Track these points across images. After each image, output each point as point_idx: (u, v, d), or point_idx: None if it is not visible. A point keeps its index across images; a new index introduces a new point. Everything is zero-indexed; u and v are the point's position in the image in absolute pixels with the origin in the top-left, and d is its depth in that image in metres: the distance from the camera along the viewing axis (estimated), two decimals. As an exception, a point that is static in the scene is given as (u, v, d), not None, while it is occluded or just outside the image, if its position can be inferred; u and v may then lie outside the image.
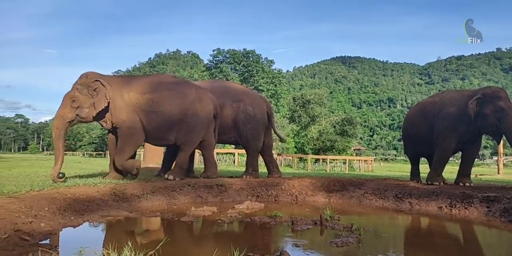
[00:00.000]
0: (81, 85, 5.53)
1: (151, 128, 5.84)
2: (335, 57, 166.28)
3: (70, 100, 5.44)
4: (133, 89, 5.75)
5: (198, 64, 72.15)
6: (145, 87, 5.83)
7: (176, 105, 5.85)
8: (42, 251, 2.43)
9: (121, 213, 4.44)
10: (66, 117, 5.41)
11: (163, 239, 2.71)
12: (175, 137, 6.03)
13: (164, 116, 5.79)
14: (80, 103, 5.46)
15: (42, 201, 3.84)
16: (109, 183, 5.38)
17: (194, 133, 6.07)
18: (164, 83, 6.04)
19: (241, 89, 7.62)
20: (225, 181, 6.21)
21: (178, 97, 5.92)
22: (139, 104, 5.70)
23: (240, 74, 35.84)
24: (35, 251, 2.38)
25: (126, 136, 5.70)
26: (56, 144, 5.44)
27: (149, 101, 5.72)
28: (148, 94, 5.75)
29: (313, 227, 4.01)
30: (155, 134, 5.95)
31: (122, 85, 5.75)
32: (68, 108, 5.42)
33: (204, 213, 4.62)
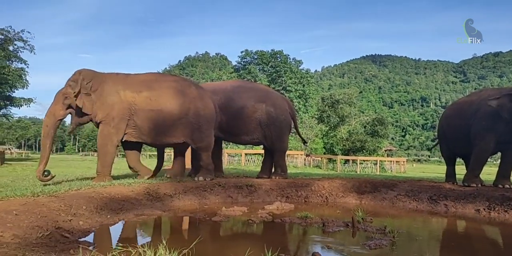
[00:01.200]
0: (75, 82, 5.33)
1: (147, 127, 5.62)
2: (365, 56, 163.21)
3: (62, 97, 5.24)
4: (129, 87, 5.57)
5: (226, 66, 72.77)
6: (142, 85, 5.65)
7: (176, 103, 5.69)
8: (81, 248, 2.53)
9: (155, 212, 4.55)
10: (57, 114, 5.22)
11: (196, 238, 2.75)
12: (179, 138, 5.87)
13: (163, 115, 5.61)
14: (73, 101, 5.28)
15: (80, 200, 3.99)
16: (143, 183, 5.52)
17: (202, 132, 5.92)
18: (162, 81, 5.86)
19: (263, 89, 7.60)
20: (255, 182, 6.24)
21: (177, 96, 5.74)
22: (135, 102, 5.50)
23: (268, 75, 35.87)
24: (75, 248, 2.49)
25: (107, 135, 5.46)
26: (44, 142, 5.20)
27: (146, 99, 5.54)
28: (146, 92, 5.57)
29: (345, 229, 3.95)
30: (153, 132, 5.69)
31: (117, 82, 5.58)
32: (60, 105, 5.23)
33: (234, 213, 4.66)
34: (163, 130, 5.70)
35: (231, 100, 6.98)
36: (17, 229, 2.64)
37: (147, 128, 5.61)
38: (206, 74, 69.52)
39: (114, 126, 5.43)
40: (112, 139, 5.48)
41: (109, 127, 5.42)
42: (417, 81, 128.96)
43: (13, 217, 2.89)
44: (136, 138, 5.73)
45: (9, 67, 20.08)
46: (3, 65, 19.01)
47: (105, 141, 5.44)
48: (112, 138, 5.47)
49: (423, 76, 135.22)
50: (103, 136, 5.44)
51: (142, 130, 5.62)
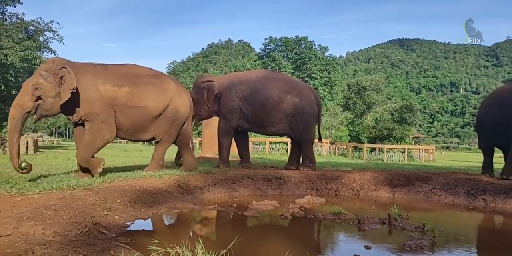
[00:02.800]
0: (47, 71, 4.79)
1: (127, 123, 5.33)
2: (392, 40, 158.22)
3: (32, 88, 4.68)
4: (108, 80, 5.18)
5: (249, 53, 72.24)
6: (123, 79, 5.32)
7: (159, 100, 5.52)
8: (119, 247, 2.55)
9: (187, 205, 4.57)
10: (25, 106, 4.66)
11: (231, 235, 2.72)
12: (153, 133, 5.69)
13: (146, 112, 5.39)
14: (44, 92, 4.71)
15: (114, 194, 4.03)
16: (173, 175, 5.56)
17: (174, 128, 5.84)
18: (143, 76, 5.62)
19: (288, 80, 7.45)
20: (284, 174, 6.17)
21: (160, 92, 5.58)
22: (116, 97, 5.15)
23: (293, 62, 35.37)
24: (115, 247, 2.50)
25: (99, 130, 5.04)
26: (10, 137, 4.68)
27: (128, 95, 5.23)
28: (128, 87, 5.26)
29: (381, 226, 3.84)
30: (132, 129, 5.45)
31: (96, 75, 5.16)
32: (29, 96, 4.66)
33: (265, 208, 4.62)
34: (142, 127, 5.51)
35: (256, 91, 6.90)
36: (57, 226, 2.67)
37: (127, 124, 5.32)
38: (229, 62, 69.33)
39: (102, 120, 5.03)
40: (103, 135, 5.08)
41: (98, 122, 5.02)
42: (446, 66, 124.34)
43: (52, 213, 2.94)
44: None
45: (40, 57, 20.57)
46: (35, 56, 19.50)
47: (95, 137, 5.03)
48: (103, 133, 5.07)
49: (453, 60, 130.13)
50: (93, 131, 5.02)
51: (120, 126, 5.29)
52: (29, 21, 21.36)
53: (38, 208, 2.97)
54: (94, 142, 5.04)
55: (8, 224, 2.48)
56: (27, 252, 1.98)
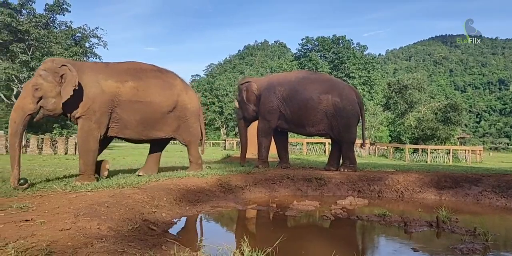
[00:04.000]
0: (46, 71, 4.59)
1: (135, 120, 5.10)
2: (434, 37, 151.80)
3: (32, 89, 4.48)
4: (110, 76, 4.96)
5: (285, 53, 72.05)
6: (126, 74, 5.10)
7: (165, 95, 5.31)
8: (169, 242, 2.64)
9: (229, 204, 4.65)
10: (27, 108, 4.44)
11: (274, 234, 2.75)
12: (166, 132, 5.49)
13: (153, 107, 5.17)
14: (44, 92, 4.51)
15: (161, 192, 4.19)
16: (215, 175, 5.67)
17: (190, 126, 5.67)
18: (147, 70, 5.41)
19: (328, 80, 7.36)
20: (324, 175, 6.11)
21: (167, 87, 5.37)
22: (119, 93, 4.94)
23: (330, 62, 34.94)
24: (165, 243, 2.60)
25: (88, 131, 4.79)
26: (12, 141, 4.39)
27: (133, 89, 5.02)
28: (132, 82, 5.05)
29: (429, 229, 3.71)
30: (140, 126, 5.19)
31: (96, 72, 4.95)
32: (29, 98, 4.47)
33: (307, 208, 4.60)
34: (151, 124, 5.25)
35: (295, 92, 6.90)
36: (111, 222, 2.81)
37: (134, 121, 5.09)
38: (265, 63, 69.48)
39: (95, 120, 4.81)
40: (94, 135, 4.83)
41: (90, 122, 4.78)
42: (494, 62, 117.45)
43: (105, 209, 3.10)
44: (115, 133, 5.13)
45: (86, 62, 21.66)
46: (82, 61, 20.59)
47: (87, 138, 4.81)
48: (94, 134, 4.83)
49: (501, 56, 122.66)
50: (84, 132, 4.80)
51: (126, 123, 5.08)
52: (76, 28, 22.62)
53: (92, 205, 3.14)
54: (88, 145, 4.81)
55: (67, 219, 2.65)
56: (87, 245, 2.11)
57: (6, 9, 18.32)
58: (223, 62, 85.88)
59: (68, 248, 2.03)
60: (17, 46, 18.64)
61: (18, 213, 2.86)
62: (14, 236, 2.21)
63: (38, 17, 20.35)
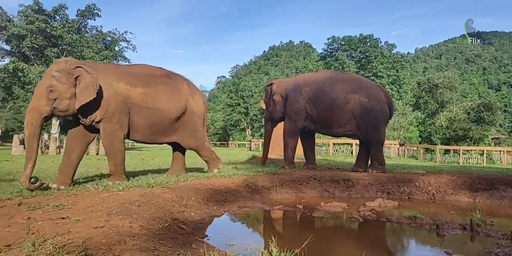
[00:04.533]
0: (59, 72, 4.51)
1: (143, 125, 5.10)
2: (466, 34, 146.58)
3: (46, 91, 4.42)
4: (121, 79, 4.95)
5: (311, 53, 71.57)
6: (136, 79, 5.08)
7: (173, 101, 5.31)
8: (198, 241, 2.69)
9: (256, 204, 4.67)
10: (42, 110, 4.41)
11: (302, 235, 2.73)
12: (173, 137, 5.48)
13: (161, 113, 5.17)
14: (59, 94, 4.46)
15: (189, 192, 4.26)
16: (241, 175, 5.71)
17: (196, 130, 5.63)
18: (156, 76, 5.39)
19: (355, 80, 7.25)
20: (352, 176, 6.03)
21: (175, 93, 5.36)
22: (130, 96, 4.93)
23: (357, 61, 34.42)
24: (195, 241, 2.64)
25: (112, 133, 4.82)
26: (30, 143, 4.37)
27: (142, 95, 5.01)
28: (141, 88, 5.03)
29: (462, 232, 3.59)
30: (148, 131, 5.20)
31: (107, 73, 4.91)
32: (44, 100, 4.42)
33: (335, 209, 4.55)
34: (159, 130, 5.28)
35: (322, 92, 6.85)
36: (142, 220, 2.89)
37: (142, 126, 5.11)
38: (290, 63, 69.27)
39: (116, 121, 4.82)
40: (118, 135, 4.87)
41: (111, 124, 4.80)
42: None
43: (136, 208, 3.18)
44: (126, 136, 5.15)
45: (116, 65, 22.34)
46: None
47: (111, 140, 4.86)
48: (118, 135, 4.87)
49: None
50: (107, 134, 4.84)
51: (136, 127, 5.09)
52: (106, 33, 23.37)
53: (124, 204, 3.23)
54: (113, 145, 4.87)
55: (101, 217, 2.74)
56: (120, 243, 2.18)
57: (41, 15, 19.18)
58: (248, 63, 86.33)
59: (103, 245, 2.10)
60: (51, 50, 19.46)
61: (54, 211, 2.99)
62: (52, 233, 2.30)
63: (71, 22, 21.17)
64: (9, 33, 18.64)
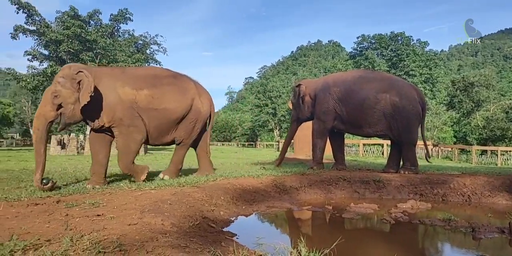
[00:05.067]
0: (64, 77, 4.59)
1: (151, 127, 5.09)
2: (504, 30, 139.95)
3: (51, 96, 4.51)
4: (127, 83, 4.94)
5: (339, 53, 70.66)
6: (142, 81, 5.08)
7: (179, 101, 5.26)
8: (228, 239, 2.72)
9: (284, 204, 4.67)
10: (48, 116, 4.51)
11: (331, 235, 2.71)
12: (173, 136, 5.44)
13: (168, 114, 5.15)
14: (63, 99, 4.53)
15: (218, 191, 4.31)
16: (270, 175, 5.72)
17: (195, 130, 5.55)
18: (162, 76, 5.37)
19: (386, 79, 7.08)
20: (382, 177, 5.91)
21: (181, 93, 5.32)
22: (136, 100, 4.92)
23: (388, 60, 33.64)
24: (224, 240, 2.68)
25: (128, 135, 4.86)
26: (37, 148, 4.49)
27: (148, 97, 5.00)
28: (147, 89, 5.02)
29: (500, 236, 3.44)
30: (155, 133, 5.19)
31: (113, 78, 4.94)
32: (50, 105, 4.52)
33: (365, 211, 4.48)
34: (165, 130, 5.27)
35: (351, 92, 6.76)
36: (173, 218, 2.95)
37: (150, 128, 5.09)
38: (318, 63, 68.68)
39: (129, 124, 4.88)
40: (135, 137, 4.94)
41: (124, 127, 4.87)
42: None
43: (168, 206, 3.26)
44: None
45: (148, 68, 22.96)
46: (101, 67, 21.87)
47: (127, 141, 4.91)
48: (135, 136, 4.94)
49: None
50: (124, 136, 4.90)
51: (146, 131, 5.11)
52: (138, 36, 24.03)
53: (156, 202, 3.32)
54: (128, 147, 4.88)
55: (134, 215, 2.83)
56: (153, 239, 2.24)
57: (76, 21, 19.99)
58: (276, 64, 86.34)
59: (136, 241, 2.17)
60: (86, 54, 20.23)
61: (90, 209, 3.11)
62: (88, 229, 2.40)
63: (104, 27, 21.94)
64: (47, 38, 19.53)
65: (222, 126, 68.02)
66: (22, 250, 1.96)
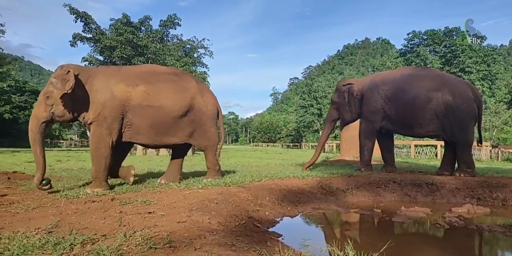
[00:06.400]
0: (56, 78, 4.54)
1: (146, 125, 4.87)
2: None
3: (44, 97, 4.51)
4: (122, 80, 4.80)
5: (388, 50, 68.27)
6: (138, 78, 4.91)
7: (176, 99, 5.00)
8: (273, 240, 2.73)
9: (330, 206, 4.59)
10: (40, 116, 4.50)
11: (380, 239, 2.62)
12: (179, 137, 5.15)
13: (164, 111, 4.90)
14: (54, 99, 4.49)
15: (264, 191, 4.34)
16: (315, 176, 5.66)
17: (207, 131, 5.27)
18: (160, 73, 5.16)
19: (438, 76, 6.71)
20: (436, 179, 5.62)
21: (179, 90, 5.07)
22: (130, 97, 4.75)
23: (441, 56, 31.92)
24: (270, 240, 2.70)
25: (102, 137, 4.64)
26: (33, 149, 4.48)
27: (144, 94, 4.81)
28: (143, 86, 4.84)
29: None
30: (152, 132, 4.95)
31: (108, 76, 4.82)
32: (43, 106, 4.51)
33: (416, 215, 4.29)
34: (163, 129, 5.00)
35: (401, 91, 6.51)
36: (220, 217, 3.02)
37: (145, 126, 4.89)
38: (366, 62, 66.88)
39: (106, 126, 4.67)
40: (106, 141, 4.67)
41: (101, 128, 4.66)
42: None
43: (215, 205, 3.34)
44: (129, 139, 4.94)
45: (195, 71, 23.66)
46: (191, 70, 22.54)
47: (98, 144, 4.67)
48: (106, 140, 4.67)
49: None
50: (95, 138, 4.68)
51: (138, 129, 4.89)
52: (186, 40, 24.81)
53: (203, 201, 3.41)
54: (100, 152, 4.66)
55: (183, 213, 2.92)
56: (200, 237, 2.30)
57: (128, 28, 21.03)
58: (322, 64, 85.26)
59: (185, 238, 2.24)
60: (138, 59, 21.21)
61: (142, 206, 3.25)
62: (140, 226, 2.52)
63: (154, 32, 22.89)
64: (102, 45, 20.74)
65: (266, 127, 68.38)
66: (81, 243, 2.10)
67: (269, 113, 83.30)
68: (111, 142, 4.70)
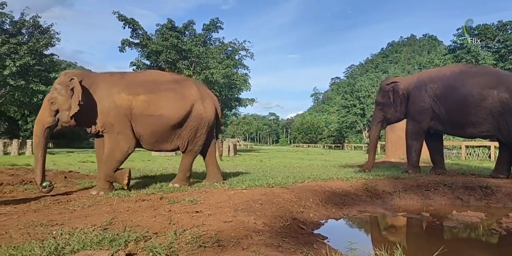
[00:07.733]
0: (60, 84, 4.66)
1: (146, 133, 4.94)
2: None
3: (48, 103, 4.64)
4: (124, 89, 4.86)
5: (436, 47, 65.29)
6: (139, 87, 4.95)
7: (177, 108, 5.03)
8: (319, 242, 2.72)
9: (377, 209, 4.48)
10: (45, 122, 4.61)
11: (431, 244, 2.53)
12: (176, 143, 5.18)
13: (164, 120, 4.95)
14: (59, 106, 4.61)
15: (307, 193, 4.32)
16: (360, 178, 5.55)
17: (199, 137, 5.27)
18: (161, 82, 5.17)
19: (492, 73, 6.30)
20: (491, 183, 5.31)
21: (179, 99, 5.08)
22: (132, 106, 4.81)
23: (495, 52, 30.01)
24: (316, 242, 2.69)
25: (116, 142, 4.74)
26: (36, 152, 4.63)
27: (144, 103, 4.87)
28: (144, 95, 4.89)
29: None
30: (152, 139, 5.02)
31: (111, 84, 4.88)
32: (47, 111, 4.63)
33: (469, 219, 4.08)
34: (163, 137, 5.07)
35: (451, 88, 6.19)
36: (264, 218, 3.05)
37: (146, 134, 4.96)
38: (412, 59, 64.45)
39: (119, 132, 4.77)
40: (121, 146, 4.78)
41: (113, 134, 4.77)
42: None
43: (259, 206, 3.38)
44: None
45: (237, 73, 23.98)
46: (233, 72, 22.87)
47: (114, 148, 4.75)
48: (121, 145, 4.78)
49: None
50: (111, 143, 4.77)
51: (139, 136, 4.95)
52: (227, 43, 25.20)
53: (247, 201, 3.46)
54: (113, 155, 4.74)
55: (229, 213, 2.98)
56: (247, 237, 2.34)
57: (173, 32, 21.71)
58: (365, 62, 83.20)
59: (232, 238, 2.29)
60: (182, 63, 21.83)
61: (190, 205, 3.36)
62: (189, 224, 2.61)
63: (198, 36, 23.47)
64: (149, 49, 21.57)
65: (307, 128, 67.76)
66: (134, 240, 2.21)
67: (310, 114, 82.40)
68: (127, 149, 4.80)
